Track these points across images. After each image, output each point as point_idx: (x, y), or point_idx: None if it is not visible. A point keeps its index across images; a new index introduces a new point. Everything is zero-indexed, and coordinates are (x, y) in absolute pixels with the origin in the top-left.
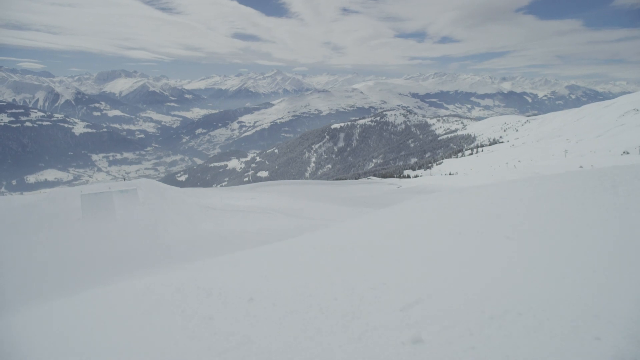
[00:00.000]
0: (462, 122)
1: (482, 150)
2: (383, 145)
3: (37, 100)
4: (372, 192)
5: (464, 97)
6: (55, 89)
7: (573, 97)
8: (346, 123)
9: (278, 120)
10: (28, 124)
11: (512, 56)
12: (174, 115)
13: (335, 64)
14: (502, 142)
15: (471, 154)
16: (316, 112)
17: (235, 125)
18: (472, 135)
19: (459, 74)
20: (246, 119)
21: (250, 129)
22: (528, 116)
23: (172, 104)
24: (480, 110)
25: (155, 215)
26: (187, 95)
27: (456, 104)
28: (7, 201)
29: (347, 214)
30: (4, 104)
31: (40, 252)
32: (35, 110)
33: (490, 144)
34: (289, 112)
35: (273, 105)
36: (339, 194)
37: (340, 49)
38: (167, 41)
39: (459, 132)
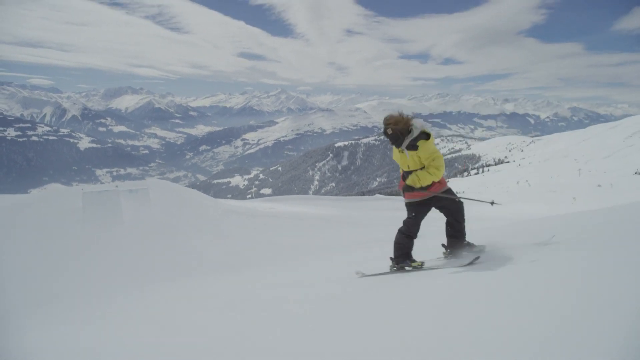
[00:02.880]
0: (466, 142)
1: (489, 170)
2: (387, 164)
3: (45, 115)
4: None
5: (466, 118)
6: (63, 104)
7: (575, 118)
8: (350, 141)
9: (282, 138)
10: (34, 138)
11: (515, 78)
12: (179, 132)
13: (340, 84)
14: (507, 162)
15: (477, 173)
16: (320, 130)
17: (239, 142)
18: (477, 155)
19: (462, 95)
20: (250, 136)
21: (253, 146)
22: (532, 137)
23: (177, 120)
24: (483, 130)
25: (172, 217)
26: (192, 113)
27: (459, 125)
28: None
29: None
30: (12, 118)
31: (31, 256)
32: (42, 125)
33: (496, 164)
34: (292, 130)
35: (277, 123)
36: (370, 205)
37: (344, 69)
38: (174, 59)
39: (464, 152)
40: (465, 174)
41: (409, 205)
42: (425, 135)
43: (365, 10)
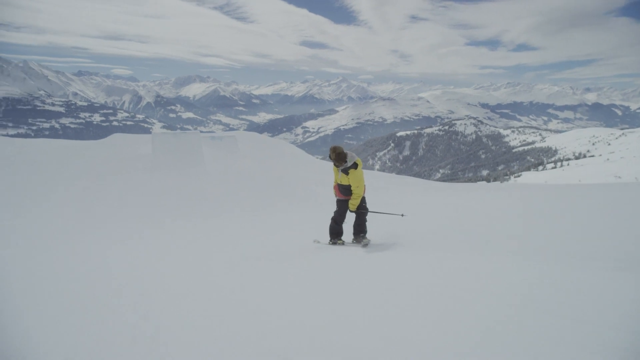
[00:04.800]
0: (540, 134)
1: (568, 164)
2: (451, 156)
3: (124, 102)
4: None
5: (539, 109)
6: (139, 92)
7: None
8: (412, 131)
9: (342, 127)
10: (115, 123)
11: (598, 65)
12: (242, 119)
13: (402, 72)
14: (592, 156)
15: (554, 167)
16: (380, 119)
17: (299, 130)
18: (553, 148)
19: (535, 84)
20: (310, 124)
21: (313, 134)
22: (622, 129)
23: (241, 108)
24: (558, 122)
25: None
26: (254, 100)
27: (530, 116)
28: (48, 143)
29: None
30: (98, 105)
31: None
32: (122, 111)
33: (577, 158)
34: (352, 119)
35: (337, 111)
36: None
37: (407, 56)
38: (239, 48)
39: (537, 145)
40: (541, 167)
41: (339, 202)
42: (355, 165)
43: None
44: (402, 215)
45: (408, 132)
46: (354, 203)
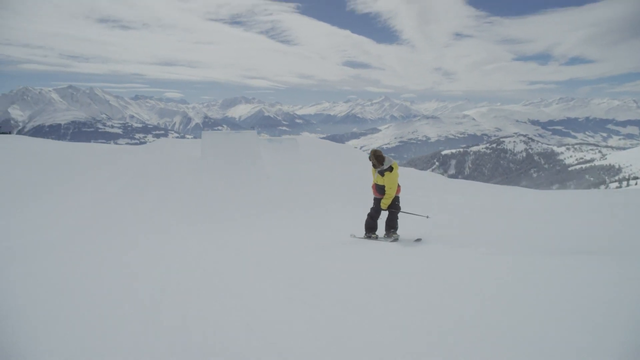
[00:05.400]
0: (599, 151)
1: (637, 184)
2: (499, 174)
3: (175, 123)
4: None
5: (597, 125)
6: (189, 113)
7: None
8: (457, 149)
9: (385, 146)
10: None
11: None
12: None
13: (445, 90)
14: None
15: (619, 186)
16: (424, 138)
17: None
18: (616, 167)
19: (591, 99)
20: (353, 143)
21: None
22: None
23: (284, 127)
24: (620, 139)
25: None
26: (297, 120)
27: (587, 132)
28: (90, 147)
29: None
30: (151, 126)
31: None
32: (173, 132)
33: None
34: (395, 137)
35: (380, 130)
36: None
37: (451, 74)
38: (283, 70)
39: (597, 162)
40: (603, 187)
41: (376, 200)
42: (390, 169)
43: (476, 11)
44: (427, 217)
45: (453, 151)
46: (385, 202)
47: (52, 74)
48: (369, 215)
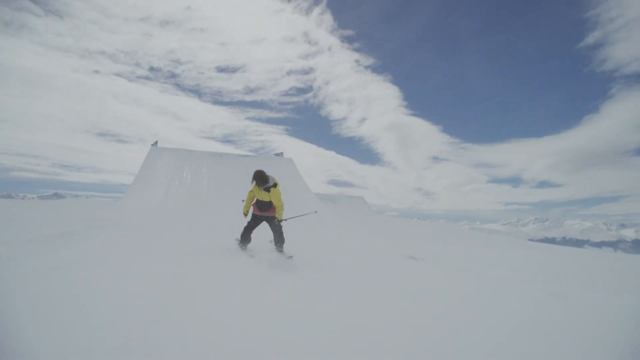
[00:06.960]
0: None
1: None
2: None
3: None
4: None
5: (575, 245)
6: None
7: None
8: None
9: None
10: None
11: (628, 201)
12: None
13: (427, 209)
14: None
15: None
16: None
17: None
18: None
19: (565, 220)
20: None
21: None
22: None
23: None
24: None
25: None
26: None
27: None
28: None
29: None
30: None
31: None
32: None
33: None
34: None
35: None
36: None
37: (431, 194)
38: None
39: None
40: None
41: (255, 216)
42: (274, 185)
43: (450, 138)
44: (316, 212)
45: None
46: (280, 212)
47: (41, 182)
48: (245, 227)
